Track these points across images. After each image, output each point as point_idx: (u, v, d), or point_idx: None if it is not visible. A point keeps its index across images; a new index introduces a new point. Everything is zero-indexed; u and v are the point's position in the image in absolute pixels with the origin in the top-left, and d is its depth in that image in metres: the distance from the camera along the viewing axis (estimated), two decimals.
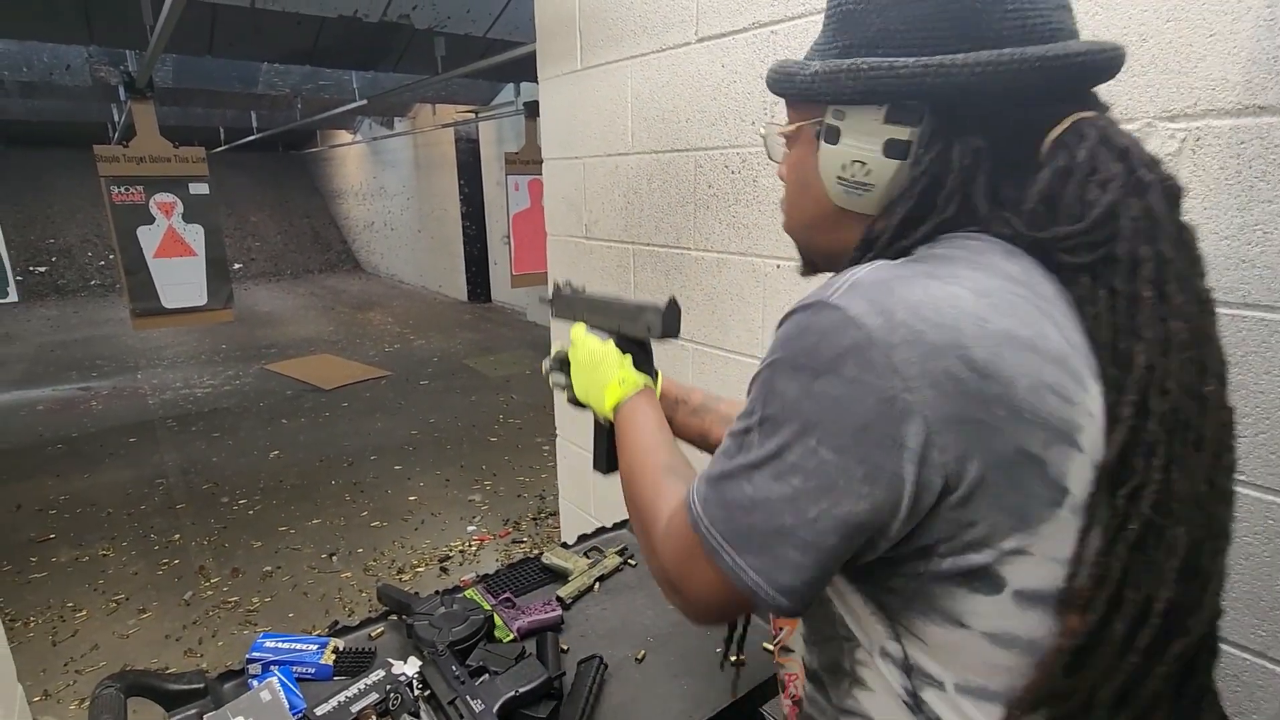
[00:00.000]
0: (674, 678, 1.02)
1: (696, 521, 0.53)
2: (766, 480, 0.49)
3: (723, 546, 0.51)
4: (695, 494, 0.54)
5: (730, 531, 0.50)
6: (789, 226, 0.66)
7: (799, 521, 0.47)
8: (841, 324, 0.46)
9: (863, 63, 0.51)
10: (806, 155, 0.59)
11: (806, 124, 0.58)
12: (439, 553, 3.31)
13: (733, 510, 0.50)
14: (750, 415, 0.51)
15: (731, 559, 0.50)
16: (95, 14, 3.66)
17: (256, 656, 0.98)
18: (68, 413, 5.49)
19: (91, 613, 2.87)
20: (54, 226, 12.02)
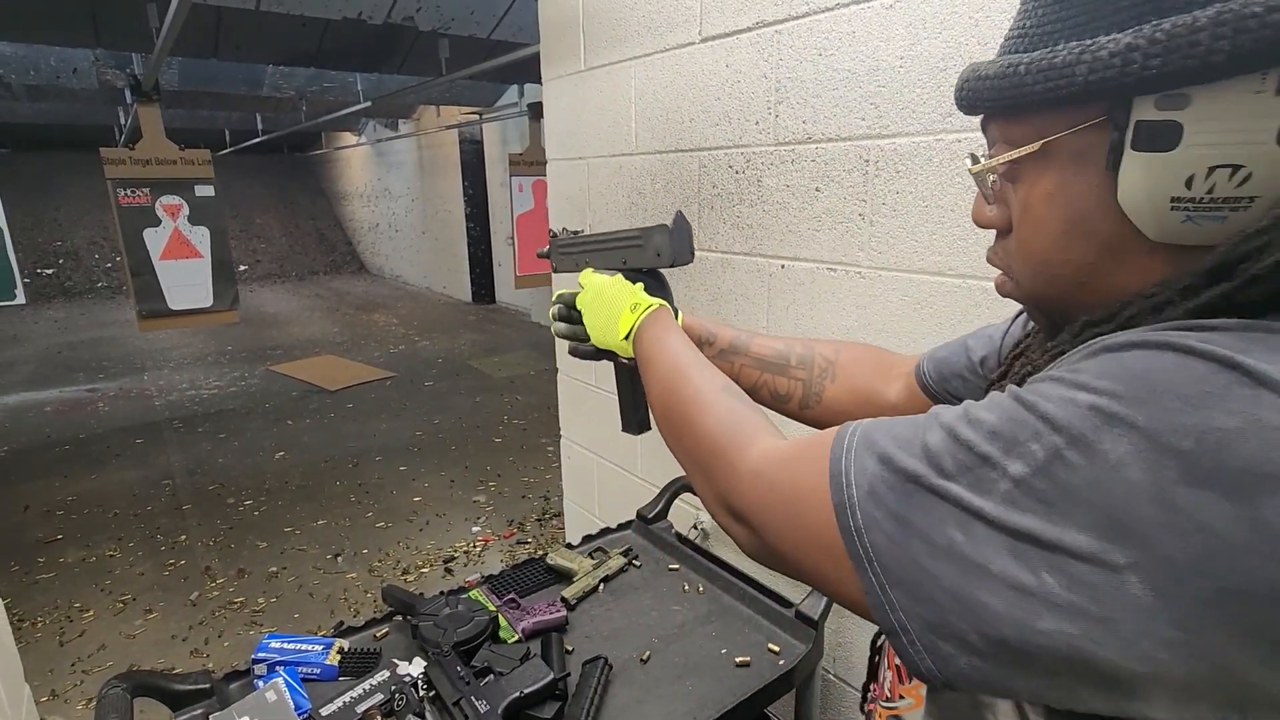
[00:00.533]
0: (679, 679, 1.02)
1: (845, 507, 0.40)
2: (996, 549, 0.33)
3: (871, 564, 0.38)
4: (852, 462, 0.41)
5: (893, 557, 0.37)
6: (1031, 286, 0.47)
7: (1012, 618, 0.33)
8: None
9: (1250, 5, 0.32)
10: (1075, 181, 0.41)
11: (1069, 135, 0.40)
12: (443, 553, 3.31)
13: (911, 536, 0.36)
14: (1011, 446, 0.34)
15: (878, 583, 0.38)
16: (101, 17, 3.68)
17: (262, 657, 0.99)
18: (75, 414, 5.52)
19: (98, 613, 2.88)
20: (61, 229, 12.09)
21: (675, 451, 0.60)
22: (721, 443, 0.53)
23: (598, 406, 1.96)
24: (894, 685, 0.62)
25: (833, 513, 0.40)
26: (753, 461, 0.49)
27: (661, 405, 0.63)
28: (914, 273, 1.13)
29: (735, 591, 1.22)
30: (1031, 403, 0.35)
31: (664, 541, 1.39)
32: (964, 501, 0.35)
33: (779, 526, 0.45)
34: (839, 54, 1.17)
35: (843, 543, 0.40)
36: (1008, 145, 0.44)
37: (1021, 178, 0.44)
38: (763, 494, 0.47)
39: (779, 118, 1.29)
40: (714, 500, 0.53)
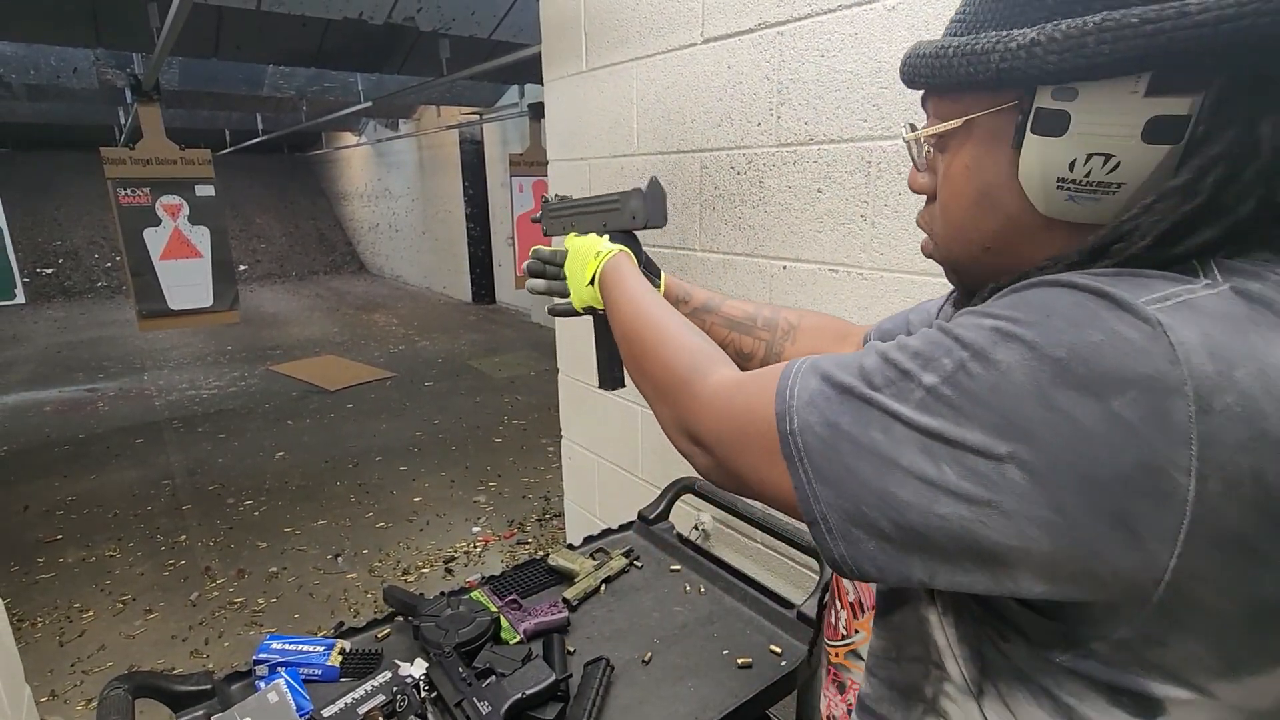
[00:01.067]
0: (680, 679, 1.02)
1: (785, 415, 0.45)
2: (909, 447, 0.39)
3: (802, 461, 0.43)
4: (796, 381, 0.46)
5: (822, 455, 0.43)
6: (947, 248, 0.52)
7: (918, 505, 0.39)
8: (1151, 346, 0.34)
9: (1129, 15, 0.36)
10: (987, 156, 0.46)
11: (987, 114, 0.45)
12: (444, 554, 3.31)
13: (839, 438, 0.42)
14: (927, 362, 0.40)
15: (806, 479, 0.43)
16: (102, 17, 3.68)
17: (263, 658, 0.99)
18: (74, 414, 5.51)
19: (98, 613, 2.88)
20: (61, 229, 12.09)
21: (639, 382, 0.65)
22: (682, 372, 0.58)
23: (598, 406, 1.96)
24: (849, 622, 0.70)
25: (774, 421, 0.46)
26: (711, 387, 0.54)
27: (625, 339, 0.68)
28: (916, 274, 1.13)
29: (737, 593, 1.22)
30: (948, 329, 0.41)
31: (665, 542, 1.39)
32: (886, 407, 0.41)
33: (730, 442, 0.50)
34: (841, 55, 1.17)
35: (779, 445, 0.45)
36: (939, 119, 0.49)
37: (948, 149, 0.50)
38: (719, 415, 0.52)
39: (781, 119, 1.29)
40: (674, 425, 0.58)
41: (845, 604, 0.68)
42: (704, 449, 0.54)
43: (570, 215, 0.92)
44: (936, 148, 0.51)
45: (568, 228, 0.92)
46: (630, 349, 0.67)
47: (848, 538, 0.42)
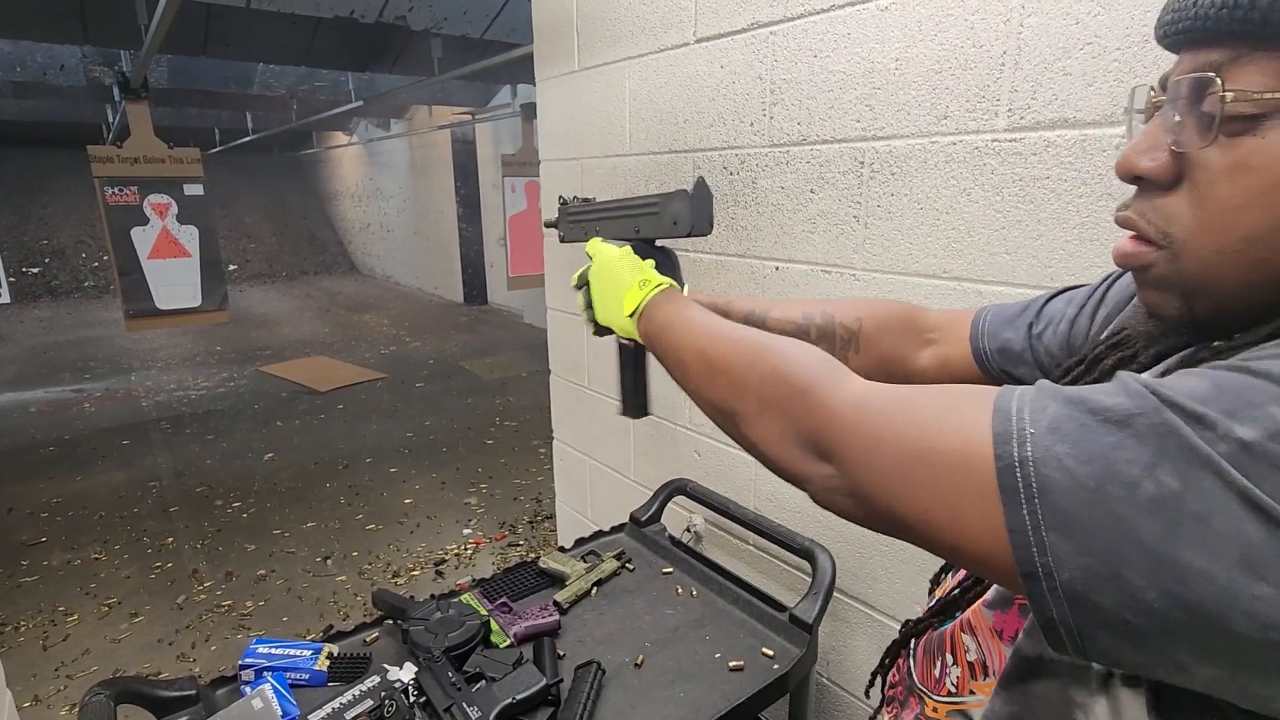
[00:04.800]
0: (672, 683, 1.01)
1: (1009, 437, 0.35)
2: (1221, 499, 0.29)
3: (1031, 500, 0.33)
4: (1031, 405, 0.36)
5: (1071, 496, 0.32)
6: (1207, 262, 0.39)
7: (1222, 579, 0.29)
8: None
9: None
10: None
11: None
12: (434, 556, 3.29)
13: (1105, 478, 0.31)
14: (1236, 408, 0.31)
15: (1030, 521, 0.33)
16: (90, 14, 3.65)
17: (249, 663, 0.97)
18: (60, 415, 5.45)
19: (83, 617, 2.84)
20: (47, 227, 11.96)
21: (728, 400, 0.55)
22: (806, 375, 0.49)
23: (590, 408, 1.95)
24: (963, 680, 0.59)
25: (988, 440, 0.35)
26: (854, 394, 0.45)
27: (703, 360, 0.58)
28: (909, 275, 1.13)
29: (729, 595, 1.22)
30: (1259, 370, 0.31)
31: (657, 544, 1.38)
32: (1195, 446, 0.30)
33: (887, 462, 0.41)
34: (834, 56, 1.16)
35: (995, 474, 0.35)
36: (1272, 81, 0.35)
37: (1263, 129, 0.36)
38: (871, 423, 0.43)
39: (774, 119, 1.29)
40: (791, 441, 0.48)
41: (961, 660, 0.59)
42: (836, 464, 0.44)
43: (594, 219, 0.82)
44: (1221, 126, 0.37)
45: (590, 232, 0.82)
46: (714, 365, 0.57)
47: (1081, 603, 0.32)
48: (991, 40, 0.96)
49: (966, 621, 0.57)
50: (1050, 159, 0.93)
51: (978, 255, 1.03)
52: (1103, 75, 0.87)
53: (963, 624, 0.58)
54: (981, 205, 1.02)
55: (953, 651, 0.58)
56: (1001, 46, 0.96)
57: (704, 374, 0.58)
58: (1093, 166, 0.90)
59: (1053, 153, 0.93)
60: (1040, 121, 0.94)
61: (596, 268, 0.77)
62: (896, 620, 1.23)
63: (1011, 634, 0.51)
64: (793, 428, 0.48)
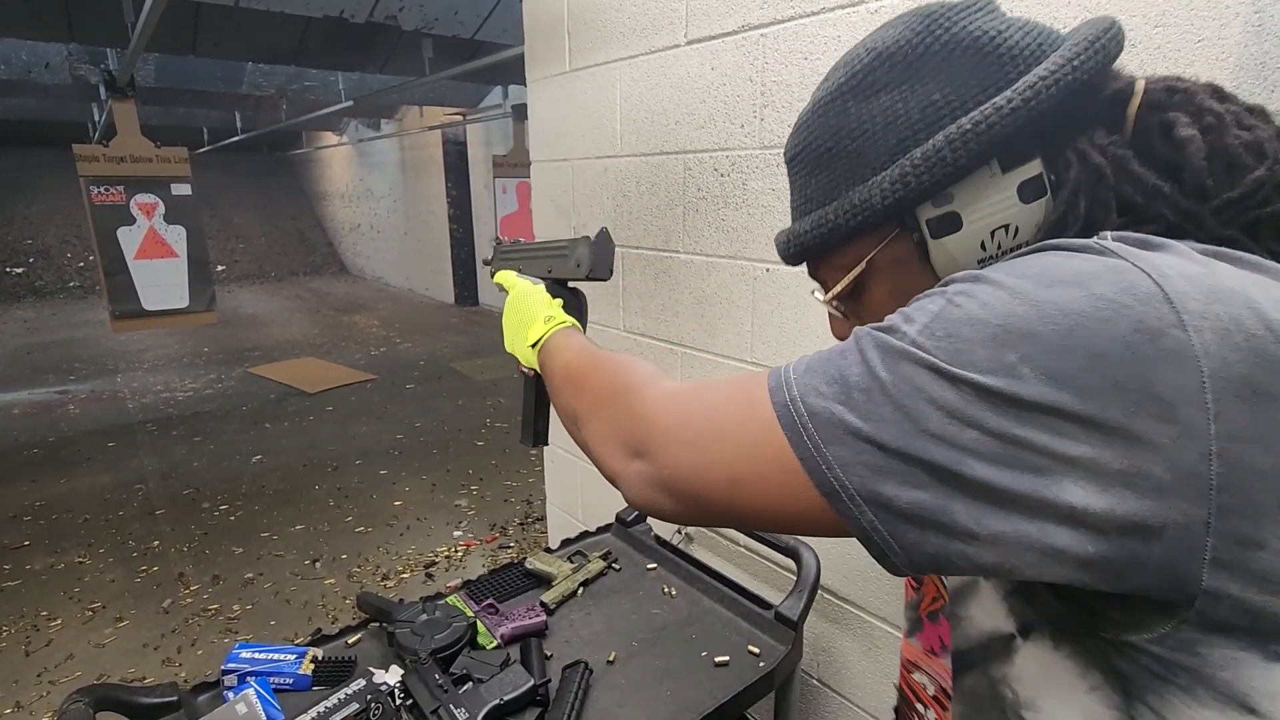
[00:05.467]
0: (659, 682, 1.01)
1: (781, 386, 0.42)
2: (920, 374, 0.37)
3: (806, 428, 0.40)
4: (792, 367, 0.44)
5: (827, 413, 0.39)
6: None
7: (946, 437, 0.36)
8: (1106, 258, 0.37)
9: (962, 124, 0.45)
10: (903, 276, 0.51)
11: (881, 249, 0.51)
12: (424, 558, 3.27)
13: (846, 388, 0.40)
14: (908, 316, 0.40)
15: (810, 446, 0.39)
16: (75, 11, 3.61)
17: (232, 667, 0.96)
18: (44, 417, 5.39)
19: (66, 622, 2.80)
20: (32, 227, 11.83)
21: (571, 402, 0.61)
22: (623, 382, 0.55)
23: None
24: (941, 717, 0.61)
25: (767, 398, 0.43)
26: (662, 390, 0.52)
27: (564, 375, 0.65)
28: None
29: (715, 594, 1.22)
30: (927, 292, 0.42)
31: (643, 544, 1.38)
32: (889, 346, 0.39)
33: (684, 443, 0.47)
34: (825, 58, 1.17)
35: (777, 420, 0.41)
36: (841, 272, 0.53)
37: (863, 290, 0.53)
38: (674, 412, 0.49)
39: (764, 121, 1.29)
40: (610, 439, 0.53)
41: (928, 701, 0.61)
42: (648, 459, 0.49)
43: (518, 258, 0.90)
44: (851, 296, 0.54)
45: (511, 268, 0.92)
46: (568, 380, 0.64)
47: (875, 499, 0.38)
48: None
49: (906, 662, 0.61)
50: None
51: None
52: None
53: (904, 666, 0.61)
54: None
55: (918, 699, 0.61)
56: None
57: (562, 387, 0.65)
58: None
59: None
60: None
61: (510, 300, 0.83)
62: (885, 622, 1.24)
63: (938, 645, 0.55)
64: (611, 426, 0.54)
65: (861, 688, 1.31)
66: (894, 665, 1.24)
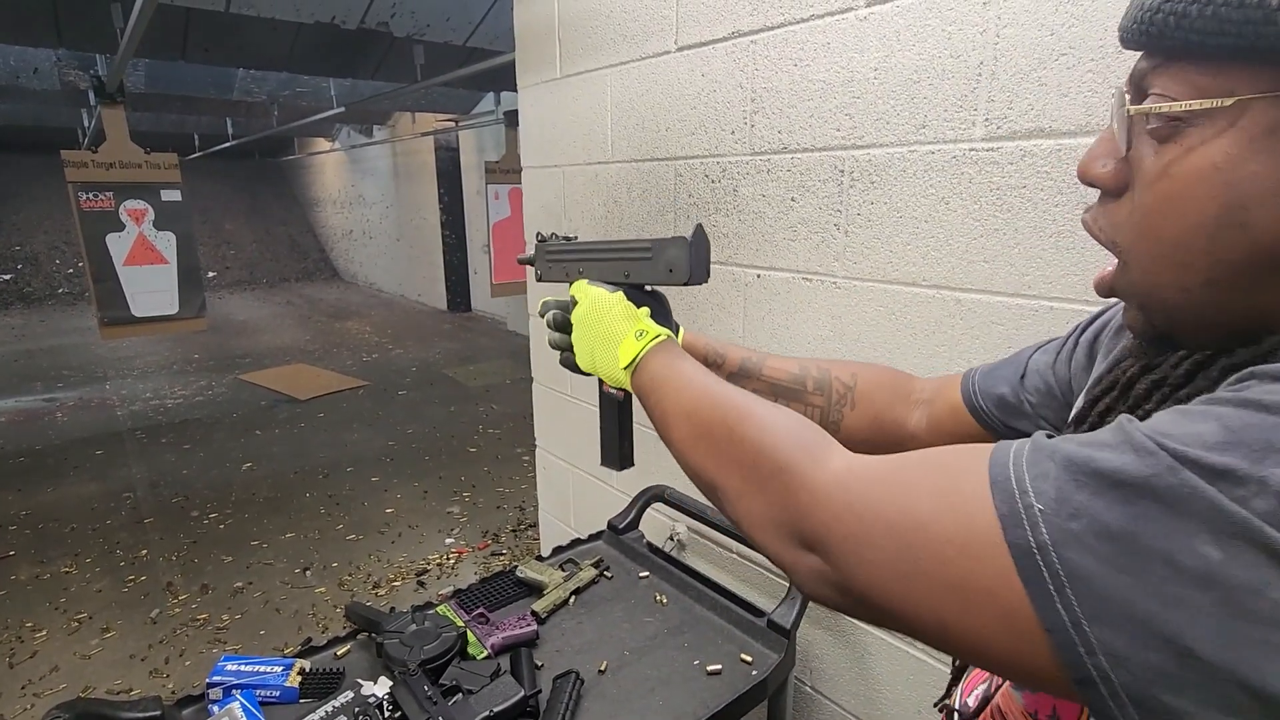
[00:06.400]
0: (651, 691, 1.00)
1: (1018, 517, 0.31)
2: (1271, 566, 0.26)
3: (1063, 590, 0.29)
4: (1030, 470, 0.32)
5: (1105, 582, 0.28)
6: (1149, 275, 0.39)
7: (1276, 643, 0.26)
8: None
9: None
10: (1254, 158, 0.34)
11: (1272, 97, 0.33)
12: (416, 566, 3.25)
13: (1136, 554, 0.28)
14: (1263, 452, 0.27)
15: (1069, 616, 0.29)
16: (64, 17, 3.59)
17: (217, 680, 0.95)
18: (31, 424, 5.33)
19: (52, 633, 2.77)
20: (20, 233, 11.73)
21: (710, 472, 0.51)
22: (786, 451, 0.44)
23: (573, 416, 1.94)
24: None
25: (995, 524, 0.31)
26: (835, 470, 0.41)
27: (689, 424, 0.55)
28: (888, 283, 1.13)
29: (707, 601, 1.21)
30: (1261, 403, 0.29)
31: (635, 552, 1.37)
32: (1221, 506, 0.27)
33: (875, 550, 0.36)
34: (814, 65, 1.17)
35: (1013, 565, 0.30)
36: (1188, 90, 0.35)
37: (1180, 138, 0.36)
38: (855, 508, 0.38)
39: (755, 127, 1.30)
40: (772, 526, 0.44)
41: None
42: (824, 555, 0.40)
43: (577, 260, 0.76)
44: (1154, 133, 0.37)
45: (573, 274, 0.77)
46: (699, 433, 0.53)
47: (1154, 709, 0.28)
48: (968, 51, 0.97)
49: (996, 708, 0.53)
50: (1027, 168, 0.94)
51: (956, 263, 1.04)
52: (1077, 86, 0.88)
53: (991, 711, 0.53)
54: (959, 214, 1.02)
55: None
56: (978, 57, 0.97)
57: (688, 439, 0.55)
58: (1068, 176, 0.91)
59: (1029, 162, 0.94)
60: (1017, 131, 0.94)
61: (583, 312, 0.72)
62: (881, 628, 1.23)
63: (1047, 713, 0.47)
64: (773, 511, 0.44)
65: (855, 695, 1.31)
66: (888, 672, 1.23)
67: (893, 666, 1.22)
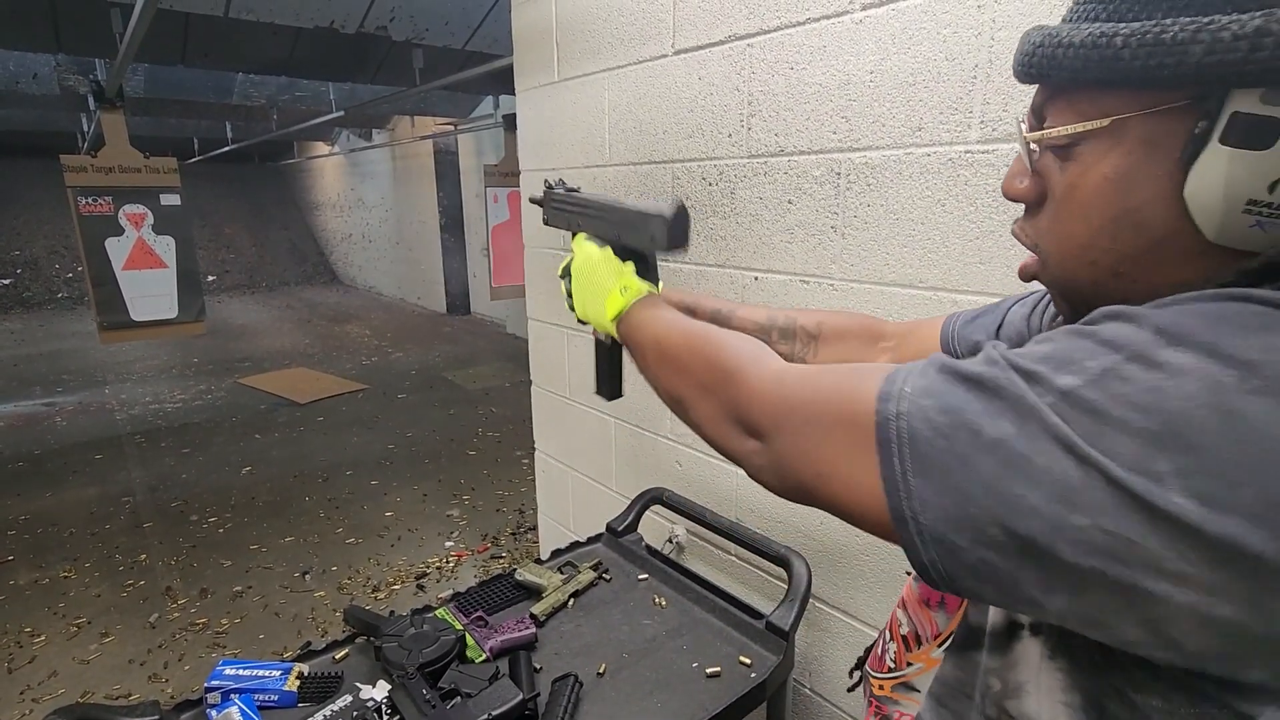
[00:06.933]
0: (650, 694, 1.00)
1: (890, 396, 0.39)
2: (1046, 443, 0.33)
3: (900, 449, 0.37)
4: (911, 374, 0.40)
5: (930, 444, 0.36)
6: (1064, 269, 0.45)
7: (1047, 513, 0.32)
8: None
9: None
10: (1139, 167, 0.39)
11: (1143, 116, 0.38)
12: (416, 569, 3.25)
13: (959, 426, 0.36)
14: (1062, 364, 0.34)
15: (900, 470, 0.37)
16: (63, 22, 3.60)
17: (216, 685, 0.95)
18: (31, 429, 5.33)
19: (50, 637, 2.76)
20: (20, 238, 11.73)
21: (676, 387, 0.60)
22: (735, 361, 0.54)
23: (572, 419, 1.94)
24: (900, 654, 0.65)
25: (873, 401, 0.40)
26: (774, 371, 0.50)
27: (658, 350, 0.64)
28: (885, 285, 1.14)
29: (706, 604, 1.21)
30: (1088, 332, 0.36)
31: (634, 554, 1.37)
32: (1023, 396, 0.34)
33: (799, 427, 0.45)
34: (810, 68, 1.18)
35: (873, 431, 0.39)
36: (1072, 116, 0.41)
37: (1076, 155, 0.42)
38: (785, 397, 0.47)
39: (751, 130, 1.30)
40: (722, 417, 0.53)
41: (896, 636, 0.65)
42: (762, 438, 0.48)
43: (578, 212, 0.85)
44: (1055, 151, 0.43)
45: (574, 224, 0.86)
46: (666, 356, 0.63)
47: (943, 543, 0.36)
48: (963, 53, 0.98)
49: (900, 599, 0.63)
50: None
51: (952, 265, 1.04)
52: None
53: (899, 602, 0.63)
54: (955, 216, 1.03)
55: (889, 629, 0.63)
56: (973, 60, 0.97)
57: (658, 363, 0.64)
58: None
59: None
60: (1012, 134, 0.95)
61: (578, 264, 0.81)
62: (877, 629, 1.23)
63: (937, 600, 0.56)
64: (723, 408, 0.53)
65: (854, 697, 1.31)
66: None
67: None
